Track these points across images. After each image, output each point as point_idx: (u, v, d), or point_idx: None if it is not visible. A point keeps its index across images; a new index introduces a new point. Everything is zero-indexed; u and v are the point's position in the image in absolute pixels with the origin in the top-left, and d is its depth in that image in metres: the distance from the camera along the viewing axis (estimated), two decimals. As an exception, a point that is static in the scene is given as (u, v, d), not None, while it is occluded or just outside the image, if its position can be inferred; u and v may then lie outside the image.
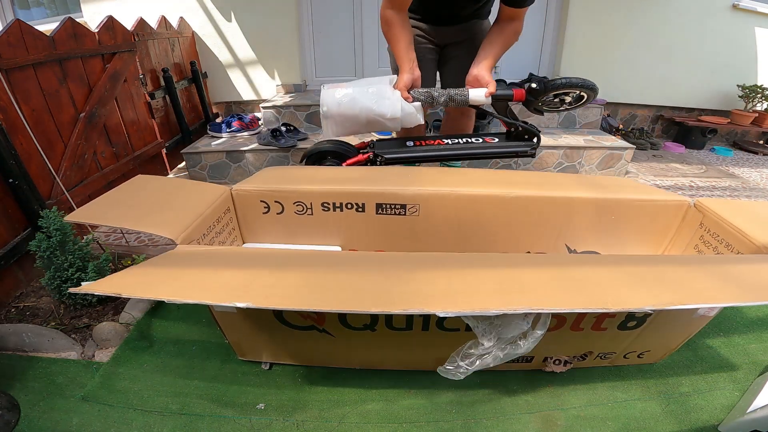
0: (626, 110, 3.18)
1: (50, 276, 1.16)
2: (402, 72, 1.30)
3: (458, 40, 1.45)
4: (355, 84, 1.34)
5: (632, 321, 0.89)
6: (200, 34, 2.74)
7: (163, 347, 1.13)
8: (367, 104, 1.29)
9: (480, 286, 0.68)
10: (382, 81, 1.33)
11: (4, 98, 1.26)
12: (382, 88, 1.30)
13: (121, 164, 1.85)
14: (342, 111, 1.30)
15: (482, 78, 1.28)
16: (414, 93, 1.29)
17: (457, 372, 0.77)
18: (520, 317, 0.71)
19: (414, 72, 1.30)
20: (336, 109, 1.30)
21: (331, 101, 1.30)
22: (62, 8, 3.32)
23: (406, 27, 1.30)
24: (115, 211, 0.93)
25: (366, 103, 1.29)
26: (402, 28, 1.28)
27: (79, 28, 1.62)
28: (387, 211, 1.16)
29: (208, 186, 1.14)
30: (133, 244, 1.64)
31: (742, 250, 0.95)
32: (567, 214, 1.17)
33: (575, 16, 2.74)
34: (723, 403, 0.97)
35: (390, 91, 1.29)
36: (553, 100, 1.33)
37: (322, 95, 1.32)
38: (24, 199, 1.30)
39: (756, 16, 2.81)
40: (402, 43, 1.28)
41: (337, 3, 2.76)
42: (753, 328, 1.21)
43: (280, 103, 2.52)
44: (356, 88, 1.32)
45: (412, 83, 1.31)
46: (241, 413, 0.93)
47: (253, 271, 0.73)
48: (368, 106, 1.29)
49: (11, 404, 0.93)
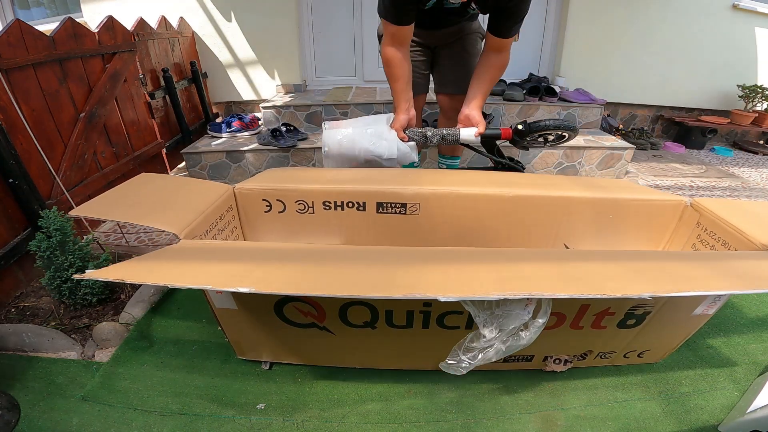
0: (626, 110, 3.18)
1: (50, 276, 1.16)
2: (398, 112, 1.35)
3: (449, 41, 1.46)
4: (355, 123, 1.40)
5: (632, 319, 0.89)
6: (200, 34, 2.74)
7: (163, 347, 1.13)
8: (365, 145, 1.36)
9: (480, 276, 0.68)
10: (380, 121, 1.39)
11: (4, 98, 1.26)
12: (380, 129, 1.36)
13: (121, 164, 1.85)
14: (342, 152, 1.38)
15: (473, 118, 1.34)
16: (409, 133, 1.35)
17: (459, 367, 0.76)
18: (521, 307, 0.71)
19: (410, 112, 1.36)
20: (337, 150, 1.38)
21: (332, 142, 1.37)
22: (62, 8, 3.32)
23: (406, 65, 1.33)
24: (118, 208, 0.93)
25: (364, 144, 1.36)
26: (401, 68, 1.31)
27: (79, 28, 1.62)
28: (387, 210, 1.17)
29: (211, 184, 1.14)
30: (134, 244, 1.64)
31: (740, 248, 0.95)
32: (565, 214, 1.17)
33: (575, 16, 2.74)
34: (723, 403, 0.97)
35: (387, 132, 1.36)
36: (537, 139, 1.42)
37: (324, 135, 1.39)
38: (24, 199, 1.30)
39: (756, 16, 2.82)
40: (400, 83, 1.33)
41: (337, 3, 2.76)
42: (753, 328, 1.21)
43: (280, 103, 2.52)
44: (356, 128, 1.38)
45: (408, 123, 1.36)
46: (241, 413, 0.93)
47: (255, 262, 0.73)
48: (366, 147, 1.36)
49: (11, 404, 0.93)
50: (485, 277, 0.68)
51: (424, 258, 0.76)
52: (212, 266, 0.71)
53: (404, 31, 1.27)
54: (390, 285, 0.63)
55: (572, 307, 0.85)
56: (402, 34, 1.27)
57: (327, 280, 0.66)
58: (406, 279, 0.65)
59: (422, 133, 1.35)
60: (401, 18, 1.23)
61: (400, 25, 1.24)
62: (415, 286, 0.62)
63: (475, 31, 1.46)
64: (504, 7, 1.16)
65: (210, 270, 0.69)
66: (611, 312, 0.86)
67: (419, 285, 0.63)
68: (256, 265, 0.71)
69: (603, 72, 2.91)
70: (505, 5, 1.15)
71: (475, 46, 1.49)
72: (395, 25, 1.24)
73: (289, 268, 0.70)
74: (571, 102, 2.54)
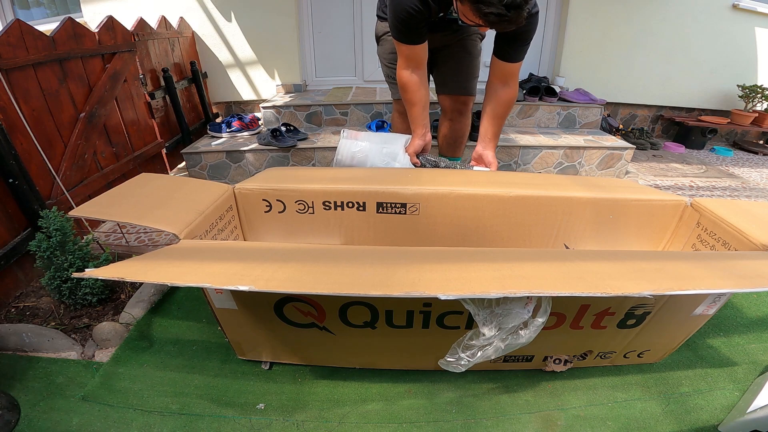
0: (626, 110, 3.18)
1: (50, 276, 1.16)
2: (415, 137, 1.36)
3: (448, 43, 1.46)
4: (372, 138, 1.42)
5: (632, 319, 0.89)
6: (200, 34, 2.74)
7: (163, 347, 1.13)
8: (377, 163, 1.39)
9: (480, 275, 0.68)
10: (398, 141, 1.41)
11: (4, 98, 1.26)
12: (395, 150, 1.39)
13: (121, 164, 1.85)
14: (354, 164, 1.41)
15: (486, 158, 1.36)
16: (422, 159, 1.37)
17: (458, 364, 0.76)
18: (520, 305, 0.71)
19: (426, 138, 1.36)
20: (348, 161, 1.41)
21: (346, 152, 1.40)
22: (62, 8, 3.32)
23: (423, 90, 1.33)
24: (118, 208, 0.93)
25: (377, 162, 1.39)
26: (418, 93, 1.31)
27: (79, 28, 1.62)
28: (387, 210, 1.17)
29: (211, 184, 1.14)
30: (134, 244, 1.64)
31: (740, 248, 0.95)
32: (565, 214, 1.17)
33: (575, 16, 2.74)
34: (723, 403, 0.97)
35: (402, 155, 1.38)
36: None
37: (340, 144, 1.41)
38: (24, 199, 1.30)
39: (756, 16, 2.81)
40: (417, 107, 1.33)
41: (337, 3, 2.76)
42: (753, 328, 1.21)
43: (280, 103, 2.52)
44: (372, 144, 1.40)
45: (423, 149, 1.37)
46: (241, 413, 0.93)
47: (255, 261, 0.73)
48: (378, 165, 1.39)
49: (11, 404, 0.93)
50: (485, 275, 0.67)
51: (424, 257, 0.76)
52: (212, 265, 0.71)
53: (418, 51, 1.25)
54: (390, 284, 0.63)
55: (572, 306, 0.85)
56: (416, 54, 1.26)
57: (327, 279, 0.66)
58: (406, 278, 0.65)
59: (435, 163, 1.38)
60: (413, 38, 1.22)
61: (413, 44, 1.23)
62: (415, 285, 0.62)
63: (474, 33, 1.46)
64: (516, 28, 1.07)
65: (210, 269, 0.69)
66: (611, 312, 0.86)
67: (419, 284, 0.63)
68: (255, 265, 0.71)
69: (603, 72, 2.91)
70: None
71: (476, 47, 1.49)
72: (408, 45, 1.23)
73: (289, 267, 0.70)
74: (571, 102, 2.54)
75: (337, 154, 1.40)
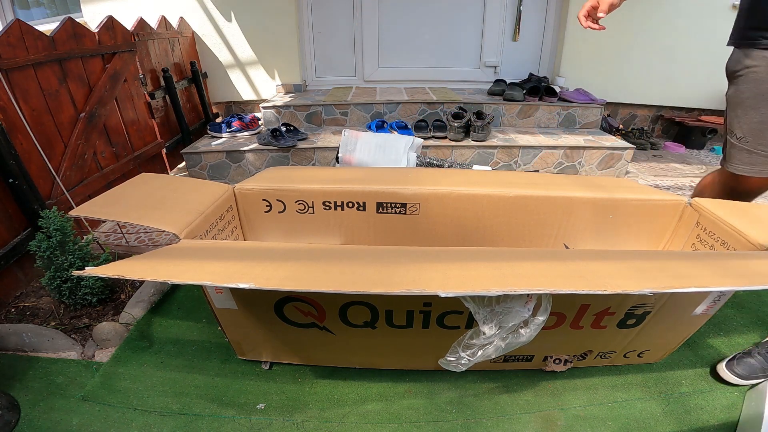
0: (626, 110, 3.18)
1: (50, 276, 1.16)
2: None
3: None
4: (375, 147, 1.47)
5: (632, 319, 0.89)
6: (200, 34, 2.74)
7: (163, 347, 1.13)
8: (378, 159, 1.45)
9: (480, 273, 0.68)
10: (399, 153, 1.44)
11: (4, 98, 1.26)
12: (398, 159, 1.44)
13: (121, 164, 1.85)
14: (355, 154, 1.48)
15: None
16: (426, 159, 1.46)
17: (458, 363, 0.76)
18: (521, 303, 0.71)
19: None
20: (351, 149, 1.49)
21: (347, 159, 1.47)
22: (62, 8, 3.32)
23: None
24: (118, 208, 0.93)
25: (377, 158, 1.45)
26: None
27: (79, 28, 1.62)
28: (387, 210, 1.17)
29: (211, 184, 1.14)
30: (134, 244, 1.64)
31: (738, 248, 0.95)
32: (566, 214, 1.17)
33: (575, 16, 2.74)
34: (723, 403, 0.97)
35: (403, 155, 1.44)
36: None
37: (342, 142, 1.47)
38: (24, 199, 1.30)
39: (756, 16, 2.81)
40: None
41: (337, 3, 2.76)
42: (753, 328, 1.21)
43: (280, 103, 2.52)
44: (372, 155, 1.46)
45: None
46: (241, 413, 0.93)
47: (255, 260, 0.73)
48: (378, 160, 1.45)
49: (11, 404, 0.93)
50: (485, 274, 0.67)
51: (424, 257, 0.76)
52: (212, 264, 0.71)
53: None
54: (390, 282, 0.63)
55: (572, 306, 0.85)
56: None
57: (327, 278, 0.66)
58: (406, 276, 0.65)
59: (440, 163, 1.46)
60: None
61: None
62: (416, 283, 0.62)
63: None
64: None
65: (210, 268, 0.69)
66: (611, 312, 0.86)
67: (419, 282, 0.63)
68: (256, 264, 0.71)
69: (603, 72, 2.91)
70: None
71: None
72: None
73: (289, 266, 0.70)
74: (571, 102, 2.54)
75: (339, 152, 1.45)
